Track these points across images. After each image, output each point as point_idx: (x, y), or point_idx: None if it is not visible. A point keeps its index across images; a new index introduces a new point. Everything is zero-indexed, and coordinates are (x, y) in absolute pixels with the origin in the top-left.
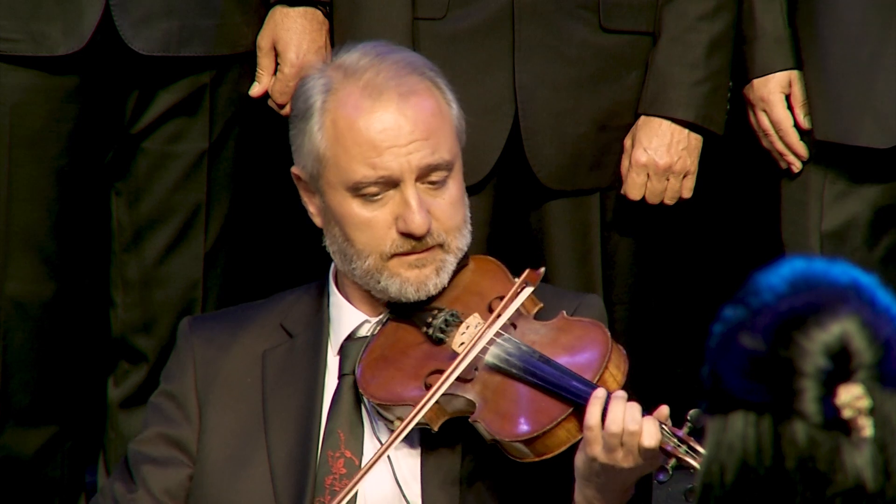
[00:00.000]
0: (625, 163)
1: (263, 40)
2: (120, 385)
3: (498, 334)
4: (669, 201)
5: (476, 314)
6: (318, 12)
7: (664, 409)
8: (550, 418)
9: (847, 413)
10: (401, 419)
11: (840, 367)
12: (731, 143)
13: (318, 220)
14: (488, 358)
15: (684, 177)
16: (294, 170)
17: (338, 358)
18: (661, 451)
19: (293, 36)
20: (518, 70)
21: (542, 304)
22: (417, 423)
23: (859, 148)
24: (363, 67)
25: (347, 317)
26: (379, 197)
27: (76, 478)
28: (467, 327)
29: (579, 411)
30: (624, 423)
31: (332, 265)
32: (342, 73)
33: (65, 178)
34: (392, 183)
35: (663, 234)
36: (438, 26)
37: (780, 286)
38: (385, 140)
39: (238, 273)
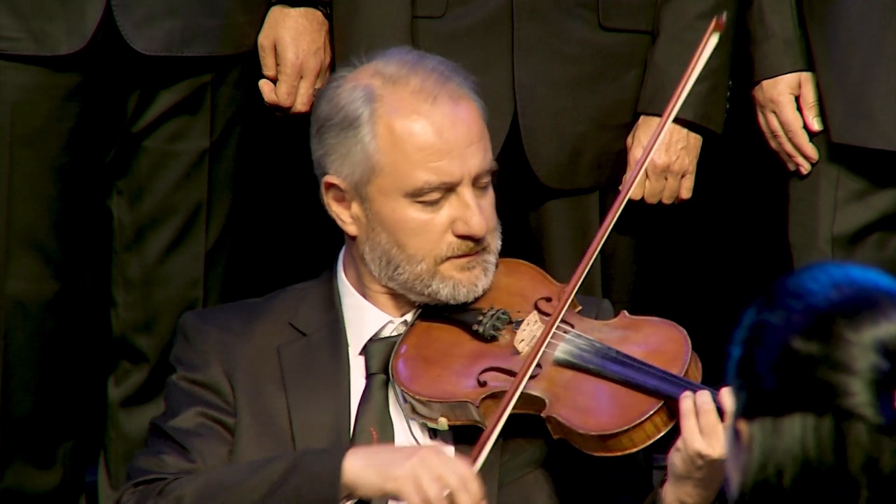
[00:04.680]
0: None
1: (264, 39)
2: (121, 385)
3: (566, 331)
4: (667, 201)
5: (534, 313)
6: (318, 13)
7: None
8: (640, 413)
9: None
10: (445, 417)
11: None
12: (735, 143)
13: (352, 229)
14: (558, 354)
15: (683, 177)
16: (330, 179)
17: (361, 358)
18: None
19: (292, 36)
20: (517, 68)
21: (581, 306)
22: (470, 421)
23: (873, 151)
24: (405, 74)
25: (369, 318)
26: (437, 201)
27: (76, 478)
28: (528, 325)
29: (667, 406)
30: (720, 402)
31: (341, 267)
32: (383, 80)
33: (66, 176)
34: (451, 187)
35: (663, 233)
36: (437, 24)
37: (818, 286)
38: (445, 143)
39: (239, 272)
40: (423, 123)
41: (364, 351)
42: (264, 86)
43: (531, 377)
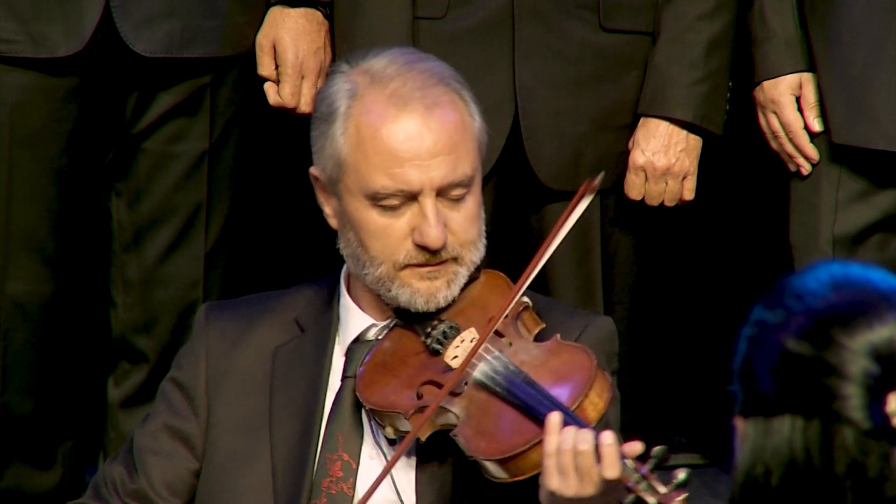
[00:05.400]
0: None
1: (263, 39)
2: (120, 385)
3: (489, 351)
4: (669, 203)
5: (472, 328)
6: (318, 13)
7: (637, 446)
8: (524, 440)
9: None
10: (393, 427)
11: (888, 372)
12: (736, 144)
13: (333, 222)
14: (476, 374)
15: (684, 178)
16: (313, 170)
17: (344, 359)
18: (623, 487)
19: (292, 36)
20: (518, 69)
21: (544, 325)
22: (406, 432)
23: (874, 151)
24: (390, 75)
25: (355, 319)
26: (397, 207)
27: (76, 478)
28: (462, 341)
29: None
30: (574, 443)
31: (345, 265)
32: (368, 79)
33: (65, 178)
34: (411, 195)
35: (664, 234)
36: (438, 26)
37: (818, 287)
38: (407, 151)
39: (238, 273)
40: (388, 128)
41: (347, 352)
42: (269, 88)
43: (456, 394)
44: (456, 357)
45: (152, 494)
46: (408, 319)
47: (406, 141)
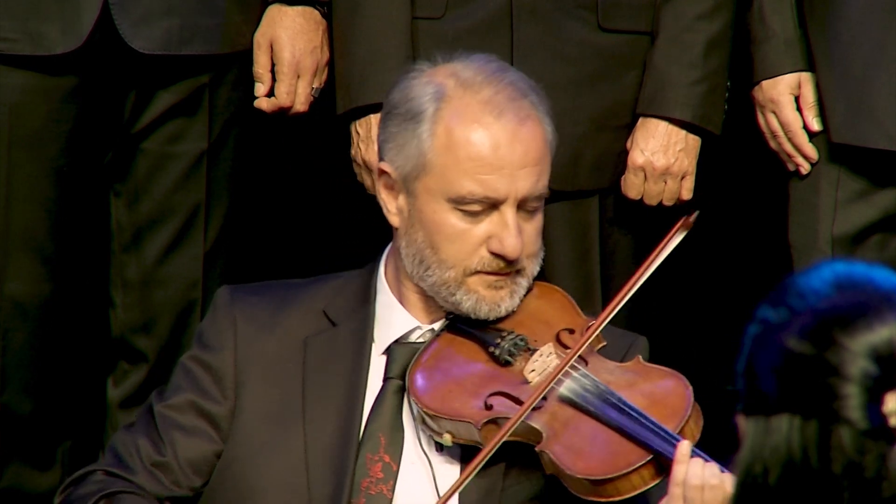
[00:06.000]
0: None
1: (261, 38)
2: (119, 385)
3: (574, 368)
4: (668, 203)
5: (550, 344)
6: (316, 12)
7: None
8: (627, 463)
9: (895, 422)
10: (450, 433)
11: (887, 372)
12: (735, 144)
13: (394, 220)
14: (562, 390)
15: (683, 178)
16: (383, 166)
17: (383, 358)
18: None
19: (289, 35)
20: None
21: (605, 342)
22: (472, 441)
23: (873, 151)
24: (481, 82)
25: (399, 319)
26: (478, 213)
27: None
28: (541, 355)
29: (656, 460)
30: (704, 479)
31: (384, 261)
32: (457, 83)
33: (64, 178)
34: (495, 203)
35: (663, 234)
36: (437, 26)
37: (821, 287)
38: (499, 160)
39: (237, 273)
40: (481, 134)
41: (387, 352)
42: (258, 90)
43: (535, 409)
44: (533, 371)
45: (177, 470)
46: (461, 326)
47: (498, 149)
